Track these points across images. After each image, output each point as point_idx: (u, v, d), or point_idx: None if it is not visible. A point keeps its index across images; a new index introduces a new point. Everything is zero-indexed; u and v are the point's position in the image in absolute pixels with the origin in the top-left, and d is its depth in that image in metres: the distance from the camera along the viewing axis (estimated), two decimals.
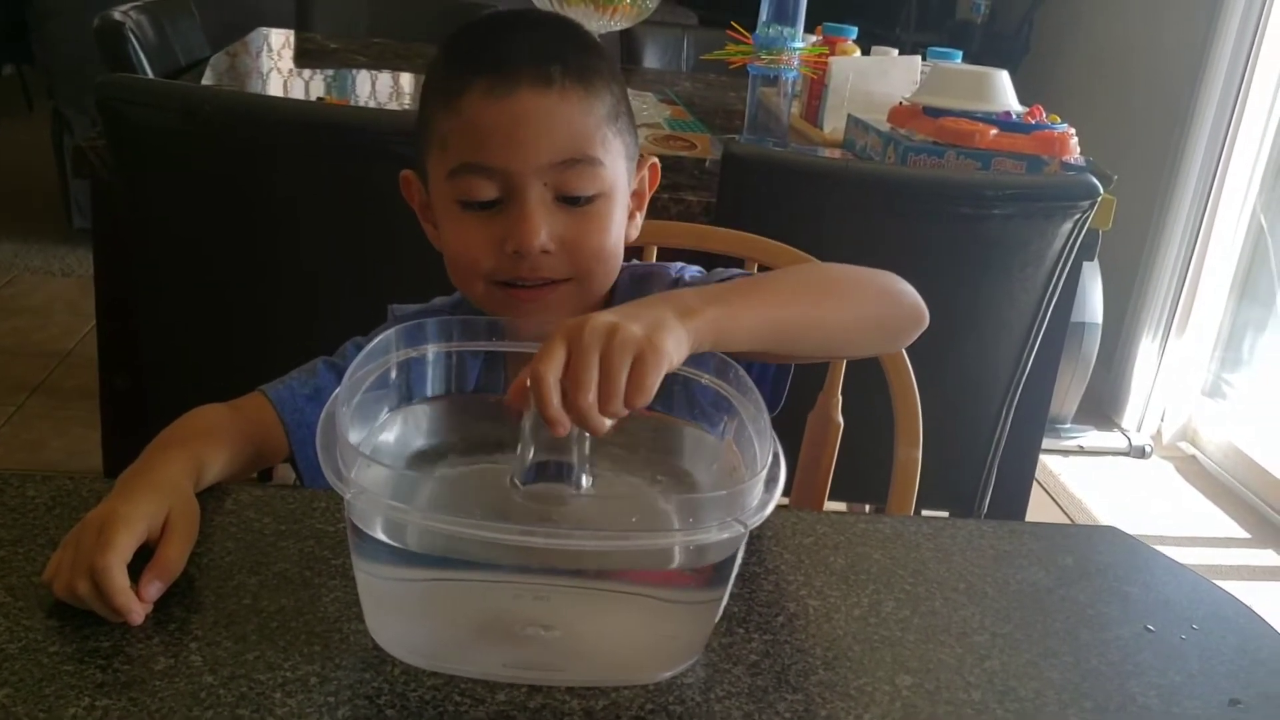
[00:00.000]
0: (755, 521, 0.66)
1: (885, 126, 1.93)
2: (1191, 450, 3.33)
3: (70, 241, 3.75)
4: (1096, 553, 0.93)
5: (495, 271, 0.93)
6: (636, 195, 1.03)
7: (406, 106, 2.36)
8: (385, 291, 1.13)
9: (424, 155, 0.97)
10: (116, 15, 2.13)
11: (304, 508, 0.86)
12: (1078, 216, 1.66)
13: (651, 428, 0.86)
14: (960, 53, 2.33)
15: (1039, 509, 2.91)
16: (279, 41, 2.81)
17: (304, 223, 1.60)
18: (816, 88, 2.23)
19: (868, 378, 1.28)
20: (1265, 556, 2.86)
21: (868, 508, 1.98)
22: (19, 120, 5.54)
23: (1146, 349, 3.37)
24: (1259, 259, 3.33)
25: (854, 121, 2.04)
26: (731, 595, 0.81)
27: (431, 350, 0.82)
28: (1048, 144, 1.82)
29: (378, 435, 0.79)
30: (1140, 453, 3.30)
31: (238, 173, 1.58)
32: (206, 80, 2.28)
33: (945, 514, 2.04)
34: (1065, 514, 2.95)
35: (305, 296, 1.63)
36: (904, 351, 1.24)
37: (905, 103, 1.96)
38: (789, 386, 0.99)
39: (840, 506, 2.01)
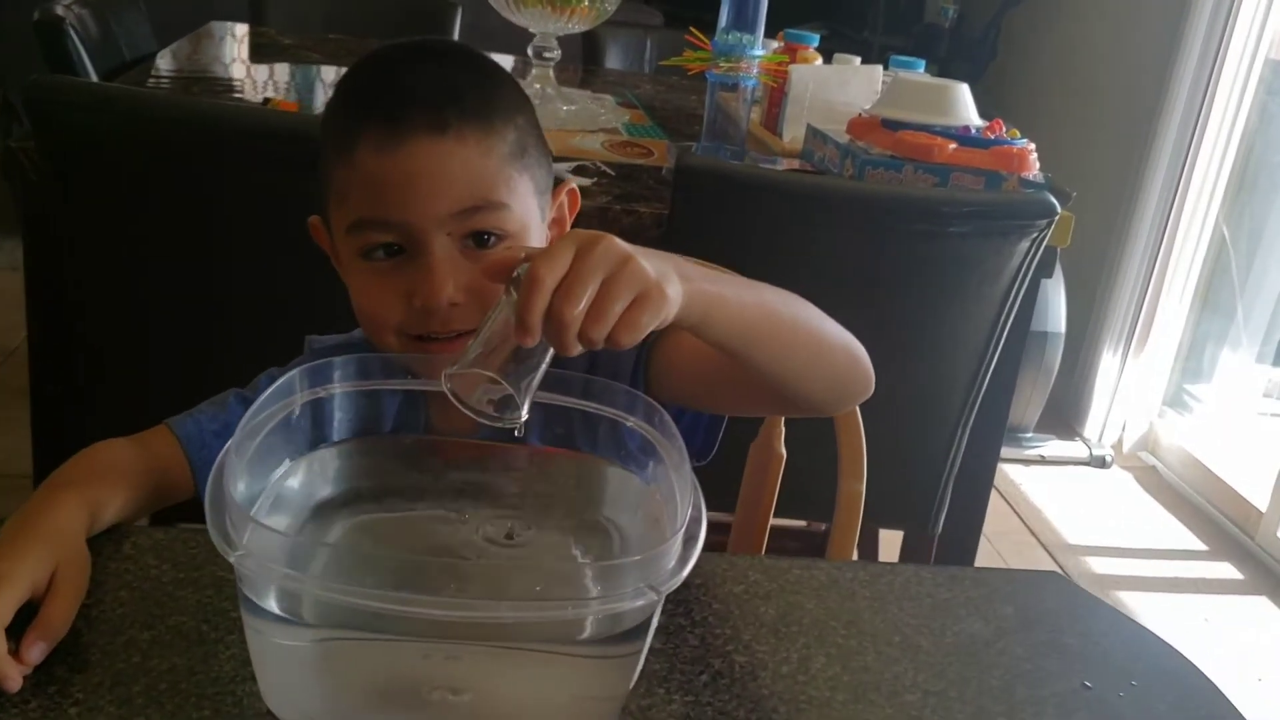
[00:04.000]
0: (670, 587, 0.63)
1: (844, 138, 1.90)
2: (1152, 461, 3.32)
3: (17, 235, 3.66)
4: (1038, 601, 0.90)
5: (405, 325, 0.88)
6: (556, 224, 0.98)
7: None
8: (333, 302, 1.08)
9: (325, 204, 0.93)
10: (58, 9, 2.06)
11: (206, 554, 0.81)
12: (1035, 235, 1.63)
13: (577, 469, 0.83)
14: (923, 62, 2.30)
15: (998, 518, 2.90)
16: (230, 36, 2.75)
17: (247, 232, 1.55)
18: (777, 95, 2.19)
19: None
20: (1222, 569, 2.85)
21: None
22: None
23: (1108, 359, 3.36)
24: (1220, 270, 3.32)
25: (813, 132, 2.01)
26: (654, 651, 0.77)
27: (339, 390, 0.78)
28: (1006, 160, 1.79)
29: (283, 483, 0.75)
30: (1101, 462, 3.29)
31: (176, 180, 1.53)
32: (152, 78, 2.22)
33: (900, 532, 2.02)
34: (1024, 524, 2.94)
35: (246, 309, 1.58)
36: None
37: (865, 114, 1.93)
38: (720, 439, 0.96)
39: (786, 522, 1.98)
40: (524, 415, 0.70)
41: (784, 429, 1.23)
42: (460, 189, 0.86)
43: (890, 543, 2.17)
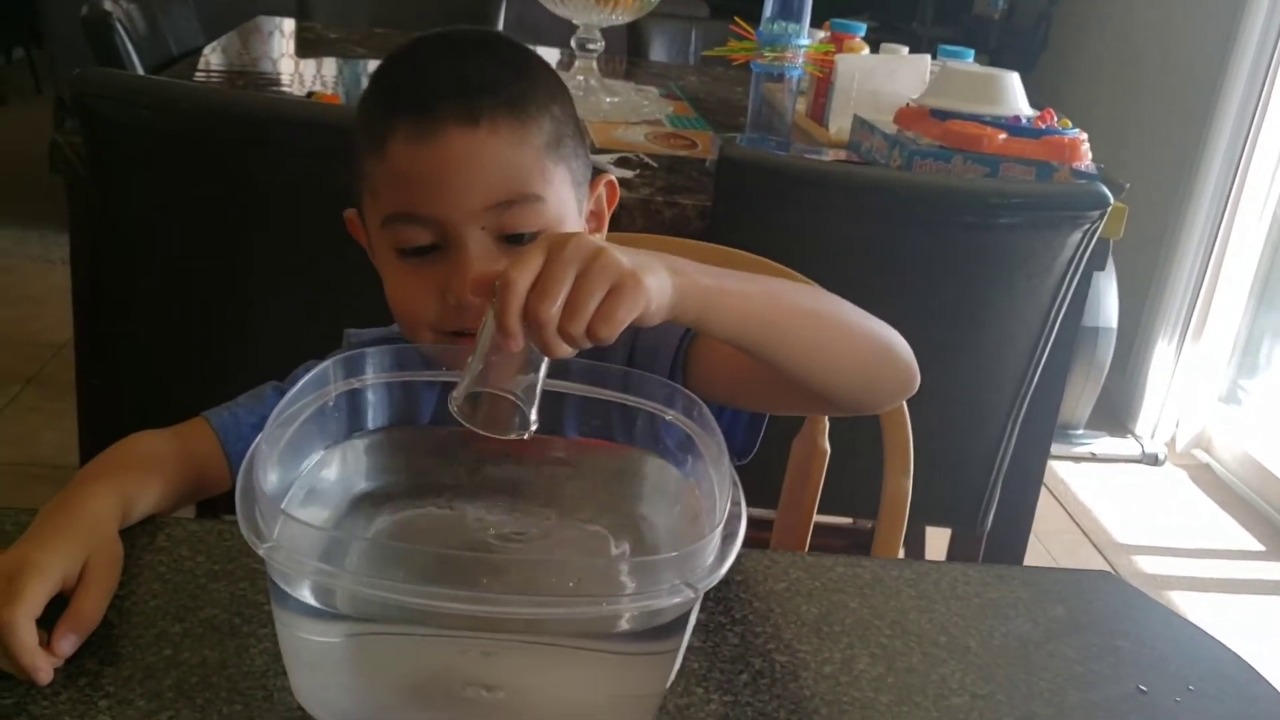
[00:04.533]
0: (708, 584, 0.61)
1: (891, 129, 1.87)
2: (1206, 458, 3.25)
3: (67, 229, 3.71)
4: (1090, 601, 0.88)
5: (440, 322, 0.86)
6: (594, 216, 0.96)
7: None
8: (374, 294, 1.08)
9: (360, 198, 0.92)
10: (105, 5, 2.07)
11: (241, 546, 0.80)
12: (1086, 227, 1.60)
13: (614, 462, 0.81)
14: (972, 51, 2.26)
15: (1048, 517, 2.85)
16: (277, 31, 2.76)
17: (288, 224, 1.55)
18: (823, 86, 2.16)
19: None
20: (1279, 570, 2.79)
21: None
22: (29, 104, 5.51)
23: (1162, 354, 3.29)
24: (1279, 263, 3.25)
25: (859, 123, 1.98)
26: (692, 649, 0.76)
27: (374, 381, 0.77)
28: (1058, 150, 1.75)
29: (316, 474, 0.74)
30: (1153, 460, 3.22)
31: (220, 172, 1.53)
32: (200, 71, 2.23)
33: (947, 530, 1.99)
34: (1075, 522, 2.89)
35: (289, 300, 1.58)
36: None
37: (913, 104, 1.90)
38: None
39: (830, 519, 1.96)
40: (534, 424, 0.68)
41: (828, 424, 1.21)
42: (494, 181, 0.84)
43: (937, 541, 2.14)
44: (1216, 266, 3.18)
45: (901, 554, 1.24)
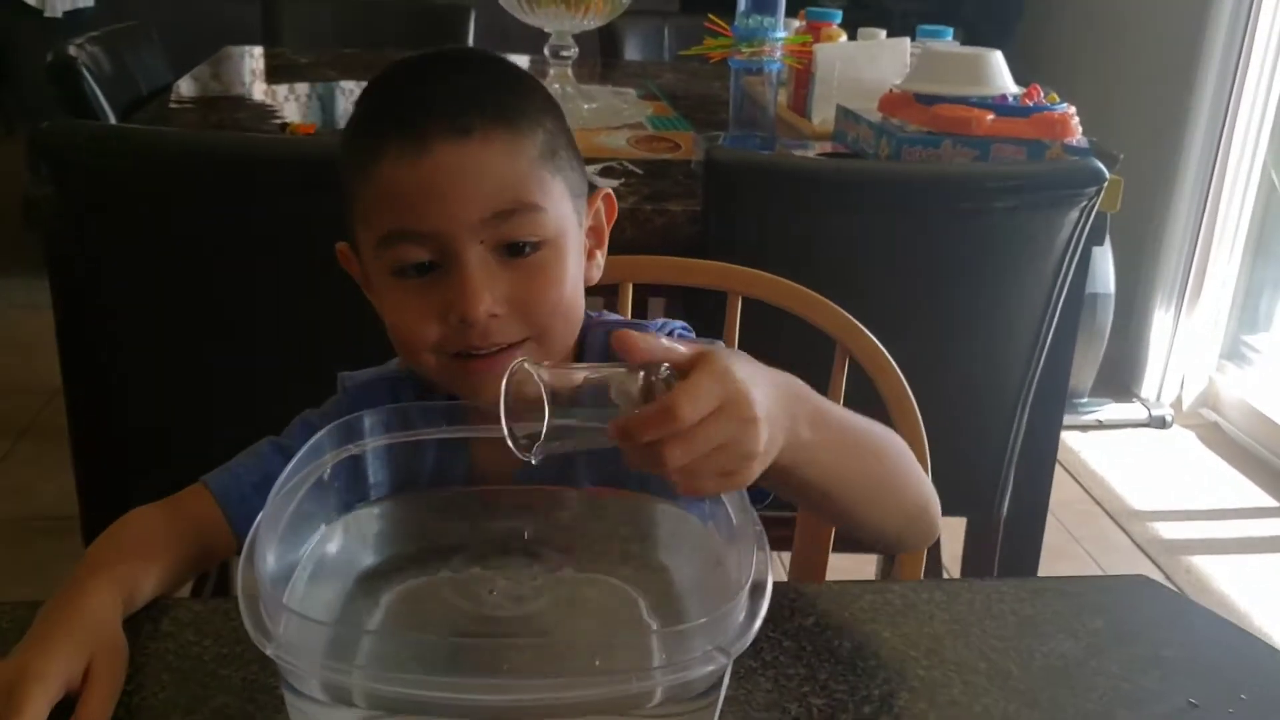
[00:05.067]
0: (740, 648, 0.58)
1: (876, 117, 1.84)
2: (1214, 417, 3.23)
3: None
4: (1130, 610, 0.85)
5: (443, 343, 0.83)
6: (594, 231, 0.93)
7: None
8: (362, 330, 1.04)
9: (351, 227, 0.89)
10: (70, 49, 2.03)
11: None
12: (1084, 204, 1.57)
13: (629, 510, 0.78)
14: (951, 30, 2.23)
15: (1059, 488, 2.79)
16: (246, 60, 2.72)
17: (271, 262, 1.51)
18: (803, 77, 2.13)
19: (868, 398, 1.19)
20: None
21: None
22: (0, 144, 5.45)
23: (1161, 316, 3.27)
24: (1271, 216, 3.22)
25: (843, 113, 1.94)
26: (726, 699, 0.72)
27: (372, 445, 0.74)
28: (1048, 127, 1.72)
29: (320, 550, 0.71)
30: (1161, 423, 3.20)
31: (200, 218, 1.49)
32: (174, 103, 2.19)
33: (963, 519, 1.96)
34: (1087, 492, 2.87)
35: (286, 346, 1.55)
36: (902, 376, 1.15)
37: (896, 90, 1.87)
38: None
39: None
40: (536, 458, 0.66)
41: None
42: (490, 192, 0.81)
43: (952, 528, 2.11)
44: (1210, 223, 3.16)
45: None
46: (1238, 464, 3.02)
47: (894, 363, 1.16)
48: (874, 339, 1.16)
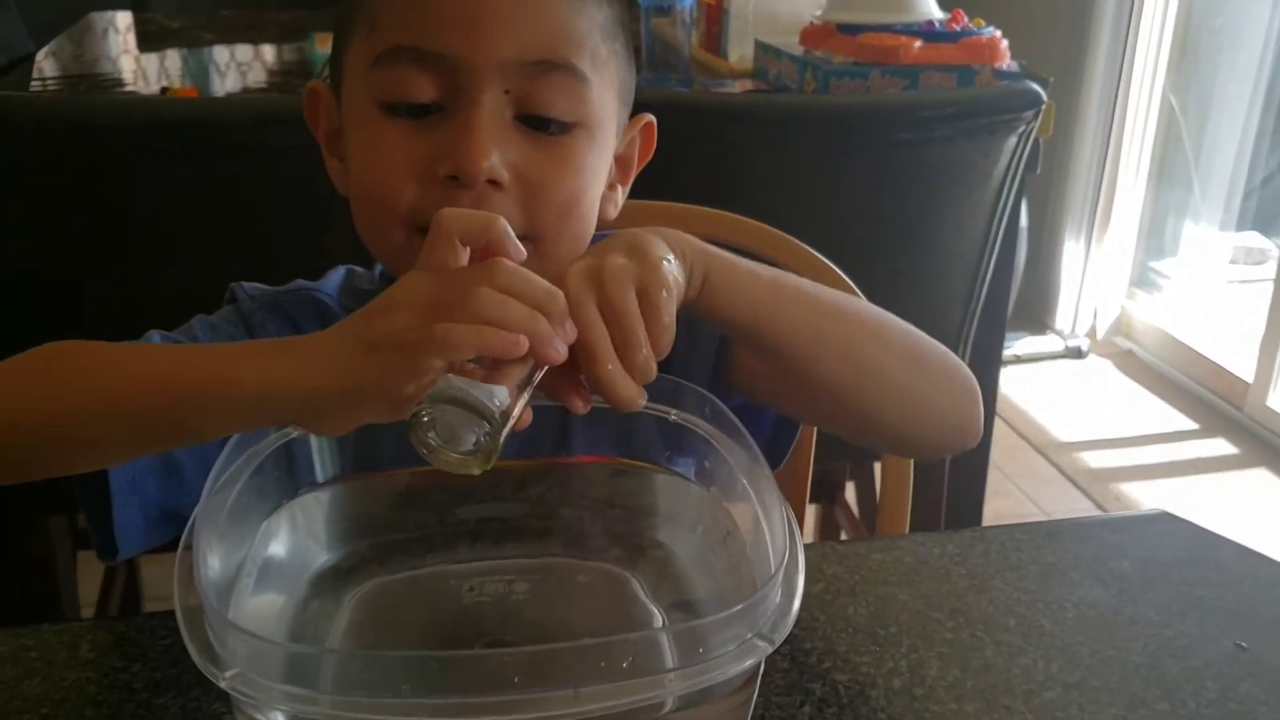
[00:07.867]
0: (783, 633, 0.49)
1: (798, 50, 1.76)
2: (1128, 345, 3.24)
3: None
4: (1153, 548, 0.78)
5: (420, 209, 0.65)
6: (622, 162, 0.77)
7: (264, 83, 2.12)
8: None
9: (343, 48, 0.70)
10: None
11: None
12: (1022, 129, 1.51)
13: (615, 481, 0.69)
14: None
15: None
16: (111, 27, 2.53)
17: (165, 236, 1.38)
18: (714, 14, 2.04)
19: None
20: (1217, 445, 2.79)
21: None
22: None
23: (1071, 247, 3.27)
24: (1173, 141, 3.23)
25: (763, 48, 1.86)
26: None
27: None
28: (977, 51, 1.66)
29: (265, 548, 0.60)
30: (1076, 353, 3.21)
31: (78, 190, 1.35)
32: (36, 79, 2.01)
33: None
34: (1011, 427, 2.85)
35: (181, 317, 1.41)
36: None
37: (816, 21, 1.79)
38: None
39: None
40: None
41: None
42: (534, 31, 0.65)
43: None
44: (1115, 152, 3.15)
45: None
46: (1155, 389, 3.04)
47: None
48: (849, 280, 1.08)
